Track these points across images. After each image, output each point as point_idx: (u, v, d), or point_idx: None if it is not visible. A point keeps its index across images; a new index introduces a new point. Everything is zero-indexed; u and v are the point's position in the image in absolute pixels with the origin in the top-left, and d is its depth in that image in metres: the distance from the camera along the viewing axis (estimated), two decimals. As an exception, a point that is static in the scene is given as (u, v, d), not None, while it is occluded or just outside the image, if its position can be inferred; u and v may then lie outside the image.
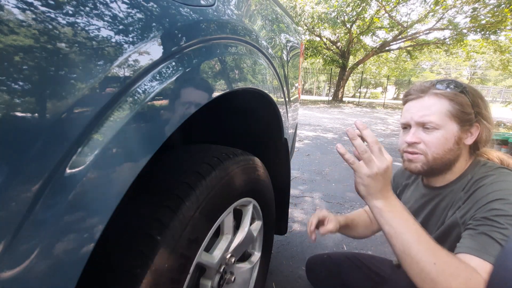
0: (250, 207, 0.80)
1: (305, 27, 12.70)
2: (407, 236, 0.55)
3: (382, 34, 15.35)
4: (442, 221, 0.71)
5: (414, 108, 0.70)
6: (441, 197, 0.73)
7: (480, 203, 0.60)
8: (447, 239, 0.68)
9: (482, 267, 0.53)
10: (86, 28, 0.32)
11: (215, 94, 0.55)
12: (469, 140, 0.68)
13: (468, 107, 0.66)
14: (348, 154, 0.60)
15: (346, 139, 4.83)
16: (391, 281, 0.92)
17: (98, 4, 0.34)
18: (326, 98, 17.06)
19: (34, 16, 0.27)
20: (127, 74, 0.36)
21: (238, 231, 0.77)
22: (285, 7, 1.20)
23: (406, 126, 0.73)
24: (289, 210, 1.57)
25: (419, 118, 0.68)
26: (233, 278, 0.77)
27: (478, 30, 11.02)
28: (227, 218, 0.68)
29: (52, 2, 0.29)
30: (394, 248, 0.57)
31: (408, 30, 13.05)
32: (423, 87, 0.70)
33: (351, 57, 15.66)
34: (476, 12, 10.24)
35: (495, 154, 0.71)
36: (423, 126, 0.68)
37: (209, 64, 0.53)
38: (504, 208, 0.55)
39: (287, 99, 1.02)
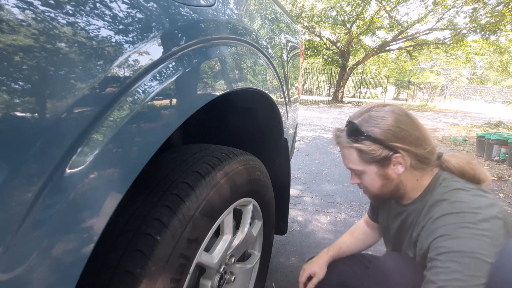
0: (250, 207, 0.80)
1: (304, 25, 12.69)
2: None
3: (382, 34, 15.38)
4: (413, 241, 0.75)
5: (342, 156, 0.78)
6: (407, 214, 0.78)
7: (429, 239, 0.66)
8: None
9: None
10: (86, 28, 0.32)
11: (215, 94, 0.55)
12: (400, 169, 0.70)
13: (373, 149, 0.69)
14: None
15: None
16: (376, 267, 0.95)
17: (98, 4, 0.34)
18: (326, 98, 17.06)
19: (34, 16, 0.27)
20: (127, 74, 0.36)
21: (238, 231, 0.77)
22: (284, 6, 1.20)
23: None
24: (289, 210, 1.57)
25: (347, 166, 0.77)
26: (233, 278, 0.77)
27: (478, 30, 11.03)
28: (227, 218, 0.67)
29: (52, 2, 0.29)
30: None
31: (408, 30, 13.05)
32: (337, 136, 0.77)
33: (351, 57, 15.66)
34: (475, 12, 10.24)
35: (455, 162, 0.73)
36: (354, 171, 0.76)
37: (209, 64, 0.53)
38: (447, 244, 0.62)
39: (287, 99, 1.02)
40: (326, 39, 14.51)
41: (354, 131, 0.71)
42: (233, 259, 0.76)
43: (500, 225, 0.63)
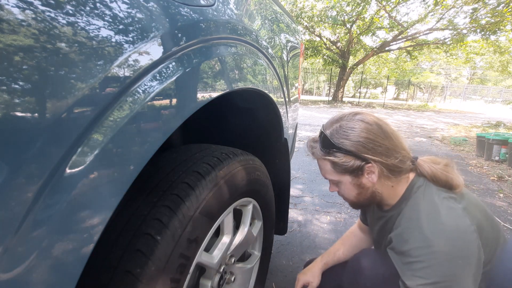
0: (250, 207, 0.80)
1: (304, 25, 12.68)
2: None
3: (382, 34, 15.38)
4: (387, 245, 0.76)
5: (319, 165, 0.79)
6: (386, 219, 0.80)
7: (404, 257, 0.68)
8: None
9: None
10: (86, 28, 0.32)
11: (215, 94, 0.55)
12: (374, 178, 0.71)
13: (345, 161, 0.70)
14: None
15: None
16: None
17: (98, 4, 0.33)
18: (326, 98, 17.06)
19: (34, 16, 0.27)
20: (127, 74, 0.36)
21: (238, 231, 0.77)
22: (284, 7, 1.20)
23: None
24: (289, 210, 1.57)
25: (324, 176, 0.78)
26: (233, 278, 0.77)
27: (478, 30, 11.03)
28: (227, 218, 0.67)
29: (52, 2, 0.29)
30: None
31: (408, 30, 13.05)
32: (311, 147, 0.77)
33: (351, 57, 15.65)
34: (475, 13, 10.24)
35: (428, 168, 0.73)
36: (330, 181, 0.78)
37: (209, 64, 0.53)
38: (423, 275, 0.63)
39: (287, 99, 1.02)
40: (326, 39, 14.50)
41: (326, 144, 0.72)
42: (233, 259, 0.76)
43: (474, 238, 0.63)
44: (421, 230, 0.65)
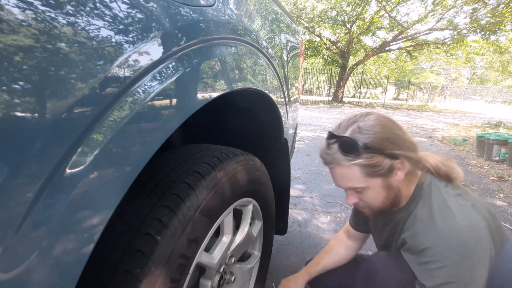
0: (250, 207, 0.80)
1: (304, 26, 12.69)
2: None
3: (382, 34, 15.38)
4: (398, 248, 0.76)
5: (336, 177, 0.71)
6: (395, 222, 0.78)
7: (419, 257, 0.67)
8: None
9: None
10: (86, 28, 0.32)
11: (215, 94, 0.55)
12: (401, 175, 0.68)
13: (378, 161, 0.64)
14: None
15: (346, 139, 4.82)
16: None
17: (98, 4, 0.33)
18: (326, 98, 17.06)
19: (34, 16, 0.27)
20: (127, 74, 0.36)
21: (238, 231, 0.77)
22: (285, 7, 1.20)
23: None
24: (289, 210, 1.57)
25: (346, 186, 0.71)
26: (233, 278, 0.77)
27: (478, 30, 11.03)
28: (227, 218, 0.67)
29: (52, 2, 0.29)
30: None
31: (408, 30, 13.05)
32: (329, 156, 0.69)
33: (351, 57, 15.65)
34: (475, 13, 10.24)
35: (431, 160, 0.72)
36: (354, 190, 0.71)
37: (209, 64, 0.53)
38: (440, 274, 0.63)
39: (287, 99, 1.02)
40: (326, 39, 14.50)
41: (350, 147, 0.65)
42: (233, 259, 0.76)
43: (486, 234, 0.63)
44: (436, 230, 0.64)
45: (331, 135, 0.69)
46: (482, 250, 0.62)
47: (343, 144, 0.66)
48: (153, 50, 0.40)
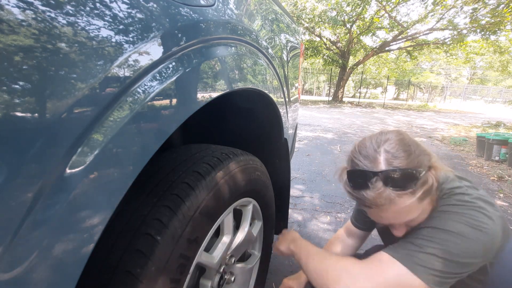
0: (250, 207, 0.80)
1: (304, 26, 12.69)
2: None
3: (382, 34, 15.39)
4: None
5: (388, 217, 0.62)
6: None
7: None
8: None
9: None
10: (86, 28, 0.32)
11: (215, 94, 0.55)
12: (435, 184, 0.62)
13: (424, 180, 0.58)
14: None
15: (345, 139, 4.83)
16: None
17: (98, 4, 0.33)
18: (326, 98, 17.06)
19: (34, 16, 0.27)
20: (127, 74, 0.36)
21: (238, 231, 0.77)
22: (285, 7, 1.19)
23: None
24: (289, 210, 1.57)
25: (402, 221, 0.63)
26: (233, 278, 0.77)
27: (478, 30, 11.04)
28: (227, 218, 0.67)
29: (52, 2, 0.29)
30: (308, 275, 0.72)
31: (408, 30, 13.05)
32: (379, 199, 0.58)
33: (351, 57, 15.65)
34: (475, 13, 10.24)
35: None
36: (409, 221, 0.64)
37: (209, 64, 0.53)
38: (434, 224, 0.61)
39: (287, 99, 1.02)
40: (326, 39, 14.51)
41: (404, 178, 0.56)
42: (233, 259, 0.76)
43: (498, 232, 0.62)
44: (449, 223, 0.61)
45: (366, 173, 0.59)
46: (492, 245, 0.61)
47: (394, 178, 0.56)
48: (153, 50, 0.40)
